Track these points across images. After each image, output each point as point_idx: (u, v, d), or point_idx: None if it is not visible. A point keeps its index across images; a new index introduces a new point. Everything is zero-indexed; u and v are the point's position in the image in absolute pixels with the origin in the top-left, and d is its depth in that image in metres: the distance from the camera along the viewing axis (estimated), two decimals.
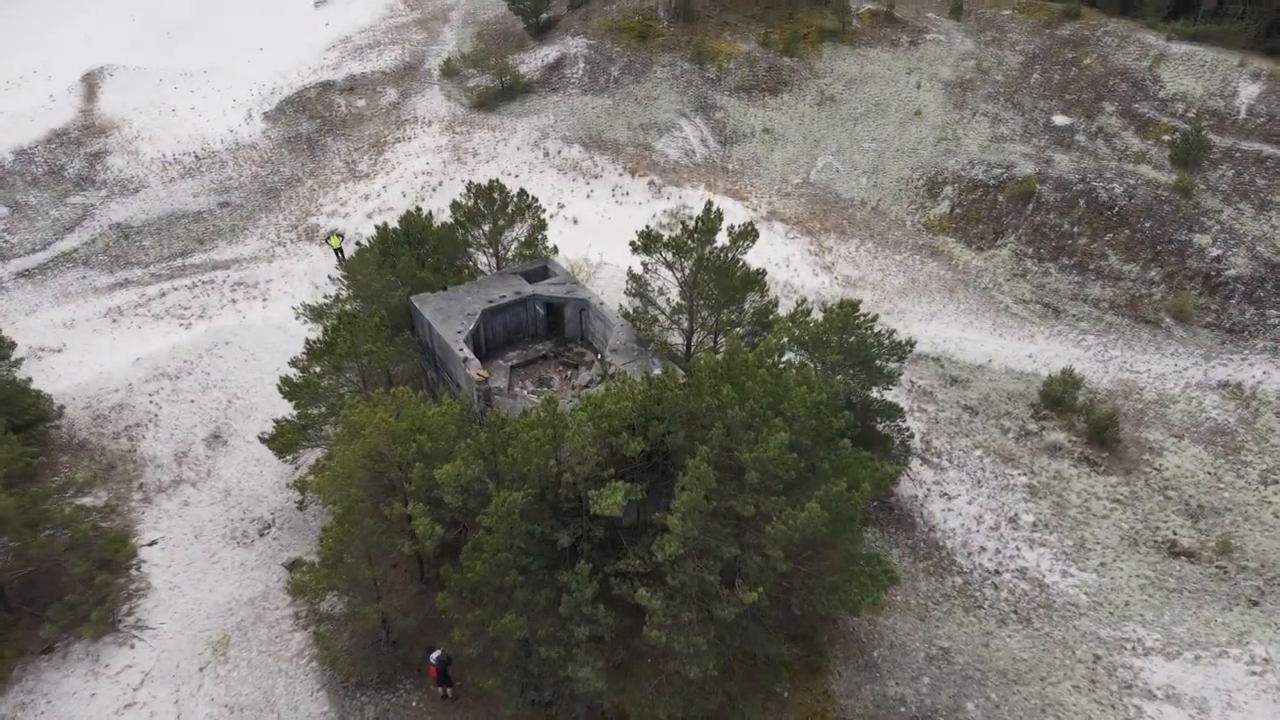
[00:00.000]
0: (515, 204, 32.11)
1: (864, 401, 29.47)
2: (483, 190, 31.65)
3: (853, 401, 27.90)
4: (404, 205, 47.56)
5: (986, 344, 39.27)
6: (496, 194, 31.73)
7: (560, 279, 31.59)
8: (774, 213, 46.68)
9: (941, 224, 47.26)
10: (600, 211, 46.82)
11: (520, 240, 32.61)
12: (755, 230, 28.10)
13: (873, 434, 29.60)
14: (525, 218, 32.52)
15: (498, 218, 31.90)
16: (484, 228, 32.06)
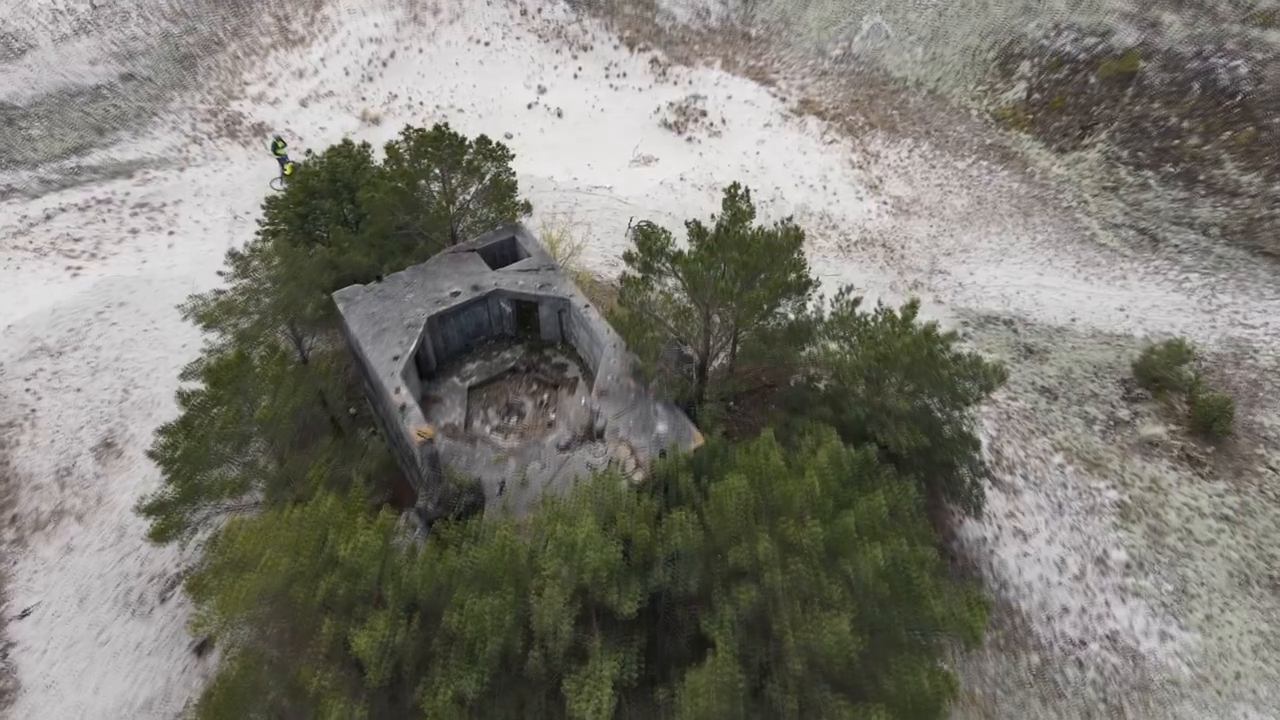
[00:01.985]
0: (474, 153, 23.58)
1: (927, 426, 22.40)
2: (428, 137, 23.02)
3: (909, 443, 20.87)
4: (347, 88, 38.19)
5: (1069, 293, 31.58)
6: (448, 141, 23.16)
7: (533, 260, 23.64)
8: (807, 103, 37.28)
9: (1015, 114, 37.95)
10: (590, 100, 37.42)
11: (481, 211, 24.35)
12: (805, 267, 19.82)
13: (934, 464, 22.83)
14: (487, 171, 24.06)
15: (449, 175, 23.48)
16: (432, 187, 23.71)
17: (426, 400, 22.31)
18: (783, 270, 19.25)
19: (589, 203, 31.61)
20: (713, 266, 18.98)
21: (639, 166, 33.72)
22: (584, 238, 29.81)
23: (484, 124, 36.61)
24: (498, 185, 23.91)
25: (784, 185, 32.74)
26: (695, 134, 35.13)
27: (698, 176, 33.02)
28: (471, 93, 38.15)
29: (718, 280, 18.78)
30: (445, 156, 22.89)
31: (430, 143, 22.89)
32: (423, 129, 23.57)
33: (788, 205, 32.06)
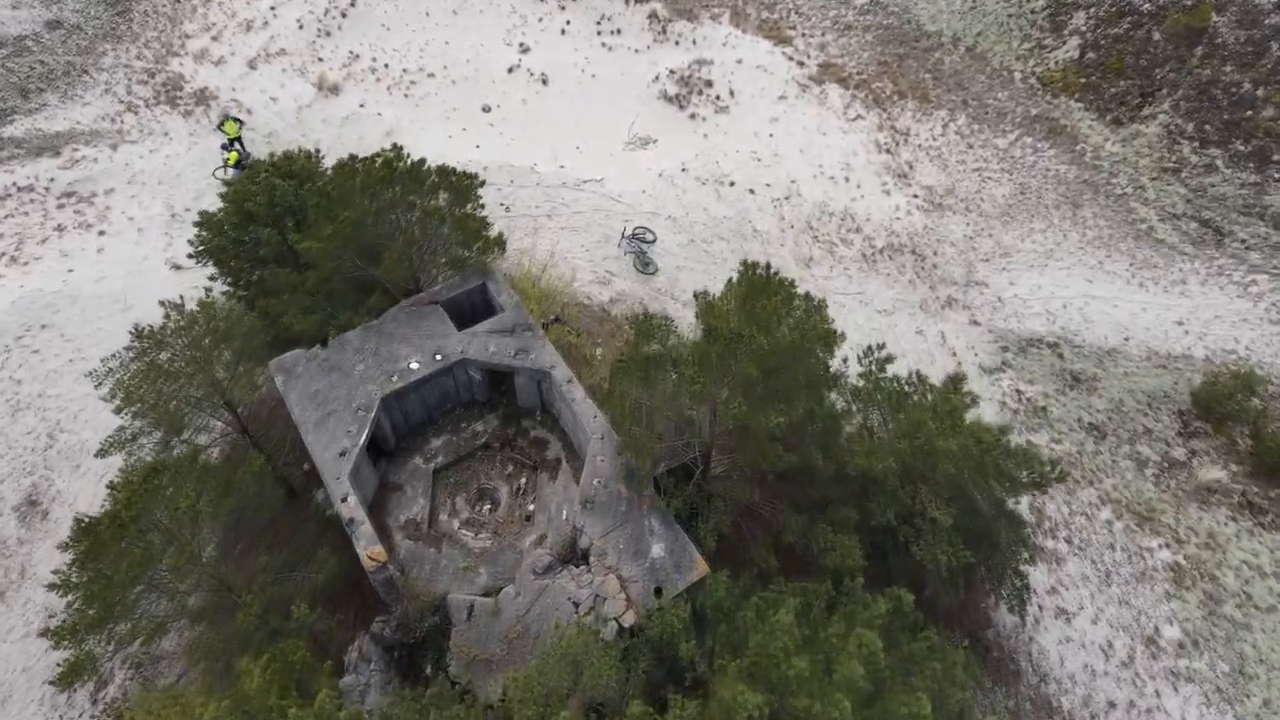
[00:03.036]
0: (434, 183, 19.59)
1: (965, 508, 19.09)
2: (376, 174, 18.97)
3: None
4: (301, 45, 33.42)
5: (1122, 304, 27.85)
6: (401, 168, 19.15)
7: (507, 317, 19.94)
8: (828, 67, 32.50)
9: (1066, 77, 33.21)
10: (580, 63, 32.63)
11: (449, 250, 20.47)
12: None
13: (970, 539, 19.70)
14: (455, 210, 20.10)
15: (405, 212, 19.53)
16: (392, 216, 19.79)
17: (384, 487, 19.09)
18: (811, 389, 15.65)
19: (577, 201, 27.51)
20: (719, 380, 15.39)
21: (635, 150, 29.42)
22: (564, 264, 25.91)
23: (458, 92, 32.00)
24: (465, 223, 19.98)
25: (801, 177, 28.52)
26: (700, 109, 30.62)
27: (702, 166, 28.77)
28: (443, 51, 33.34)
29: (725, 405, 15.22)
30: (399, 199, 18.89)
31: (378, 182, 18.84)
32: (373, 157, 19.47)
33: (804, 203, 27.95)
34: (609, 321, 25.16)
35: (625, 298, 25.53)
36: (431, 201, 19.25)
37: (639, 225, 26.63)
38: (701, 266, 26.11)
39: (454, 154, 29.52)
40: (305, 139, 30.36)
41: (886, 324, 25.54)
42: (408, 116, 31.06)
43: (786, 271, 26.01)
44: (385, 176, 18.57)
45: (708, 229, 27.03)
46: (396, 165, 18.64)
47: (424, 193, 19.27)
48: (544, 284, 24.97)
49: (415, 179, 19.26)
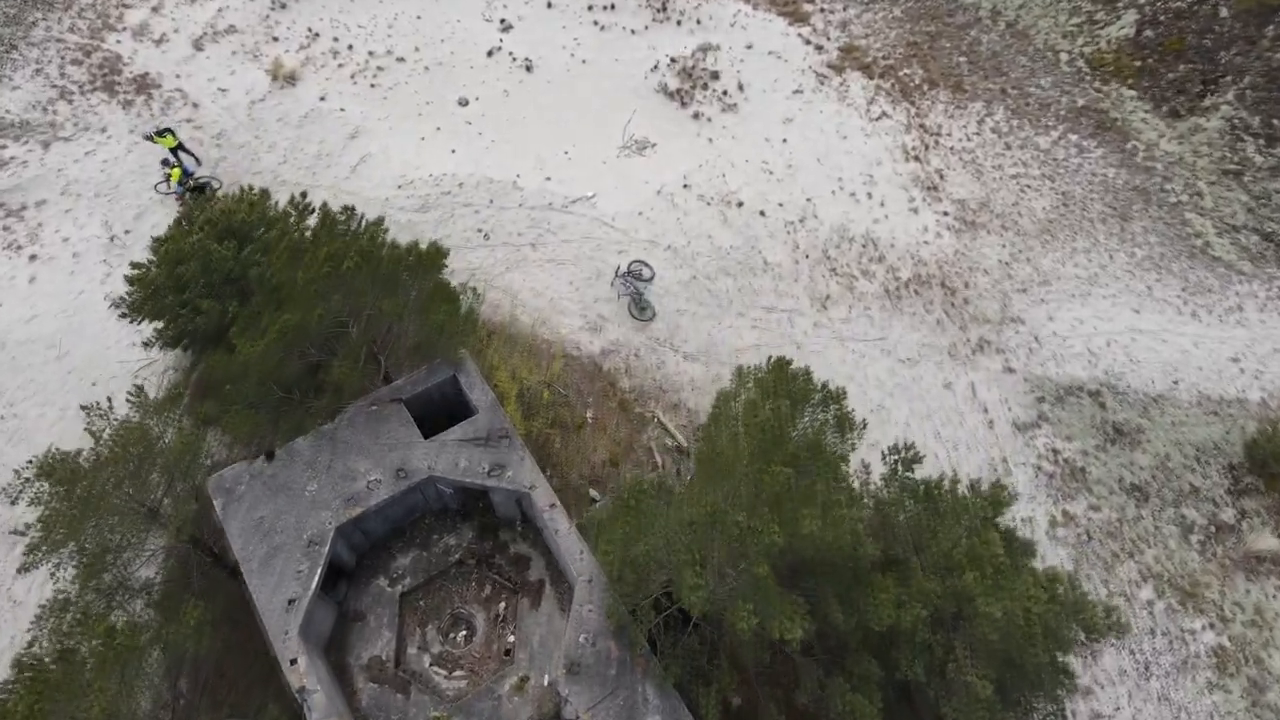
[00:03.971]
0: (365, 246, 16.58)
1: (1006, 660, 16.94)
2: (323, 253, 15.99)
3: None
4: (253, 20, 29.59)
5: (1171, 338, 25.05)
6: (351, 262, 16.13)
7: (480, 421, 17.29)
8: (850, 51, 28.64)
9: (1119, 59, 29.39)
10: (568, 44, 28.78)
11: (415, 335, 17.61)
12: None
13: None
14: (407, 285, 17.15)
15: (361, 301, 16.64)
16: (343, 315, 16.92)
17: (344, 618, 16.87)
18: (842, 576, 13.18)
19: (565, 228, 24.37)
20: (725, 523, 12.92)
21: (631, 156, 26.05)
22: (550, 305, 23.00)
23: (432, 81, 28.32)
24: (432, 308, 17.10)
25: (818, 194, 25.26)
26: (704, 106, 27.03)
27: (707, 180, 25.47)
28: (414, 29, 29.43)
29: (734, 613, 12.76)
30: (355, 283, 15.98)
31: (330, 260, 15.88)
32: (320, 232, 16.45)
33: (822, 227, 24.79)
34: (601, 378, 22.47)
35: (619, 348, 22.76)
36: (388, 300, 16.28)
37: (635, 260, 23.61)
38: (705, 309, 23.22)
39: (427, 162, 26.22)
40: (259, 141, 26.93)
41: (911, 377, 22.83)
42: (374, 113, 27.50)
43: (802, 314, 23.22)
44: (335, 255, 15.56)
45: (712, 262, 23.99)
46: (345, 260, 15.57)
47: (381, 284, 16.30)
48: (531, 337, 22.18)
49: (370, 262, 16.26)
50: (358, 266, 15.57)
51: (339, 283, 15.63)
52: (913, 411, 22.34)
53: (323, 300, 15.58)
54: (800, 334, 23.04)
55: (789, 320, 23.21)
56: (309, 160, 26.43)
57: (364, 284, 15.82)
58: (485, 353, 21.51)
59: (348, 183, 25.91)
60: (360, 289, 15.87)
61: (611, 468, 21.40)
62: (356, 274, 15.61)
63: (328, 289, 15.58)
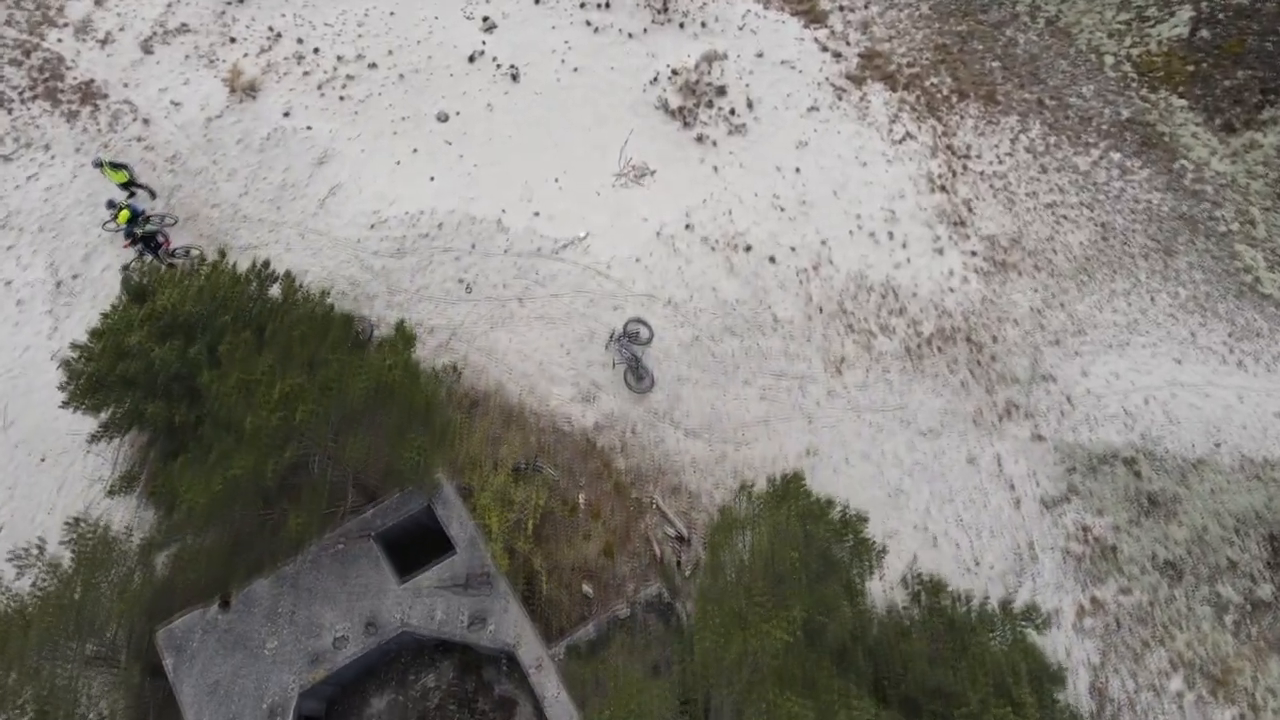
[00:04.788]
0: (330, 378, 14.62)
1: None
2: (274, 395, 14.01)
3: None
4: (207, 18, 26.89)
5: (1214, 392, 23.11)
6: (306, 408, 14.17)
7: (459, 561, 15.57)
8: (872, 57, 25.73)
9: (1170, 63, 26.49)
10: (559, 48, 25.87)
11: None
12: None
13: None
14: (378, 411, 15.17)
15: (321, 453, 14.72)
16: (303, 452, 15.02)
17: None
18: None
19: (555, 278, 22.15)
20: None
21: (628, 185, 23.61)
22: (539, 371, 20.98)
23: (408, 92, 25.56)
24: (407, 441, 15.17)
25: (834, 235, 22.91)
26: (709, 128, 24.38)
27: (711, 218, 23.09)
28: (387, 29, 26.48)
29: None
30: (314, 431, 14.03)
31: (286, 401, 13.91)
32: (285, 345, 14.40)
33: (837, 274, 22.55)
34: (594, 456, 20.65)
35: (614, 422, 20.87)
36: (354, 442, 14.34)
37: (631, 319, 21.47)
38: (708, 377, 21.22)
39: (403, 194, 23.81)
40: (217, 167, 24.42)
41: (932, 453, 21.00)
42: (345, 131, 24.86)
43: (814, 381, 21.22)
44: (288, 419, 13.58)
45: (716, 318, 21.85)
46: (298, 408, 13.55)
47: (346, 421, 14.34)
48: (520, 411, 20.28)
49: (333, 395, 14.26)
50: (316, 411, 13.58)
51: (296, 429, 13.67)
52: (933, 494, 20.59)
53: (275, 452, 13.63)
54: (812, 405, 21.10)
55: (800, 388, 21.23)
56: (272, 191, 23.97)
57: (323, 428, 13.84)
58: (465, 438, 19.61)
59: (316, 219, 23.53)
60: (320, 432, 13.90)
61: (606, 559, 19.78)
62: (316, 420, 13.63)
63: (281, 438, 13.62)
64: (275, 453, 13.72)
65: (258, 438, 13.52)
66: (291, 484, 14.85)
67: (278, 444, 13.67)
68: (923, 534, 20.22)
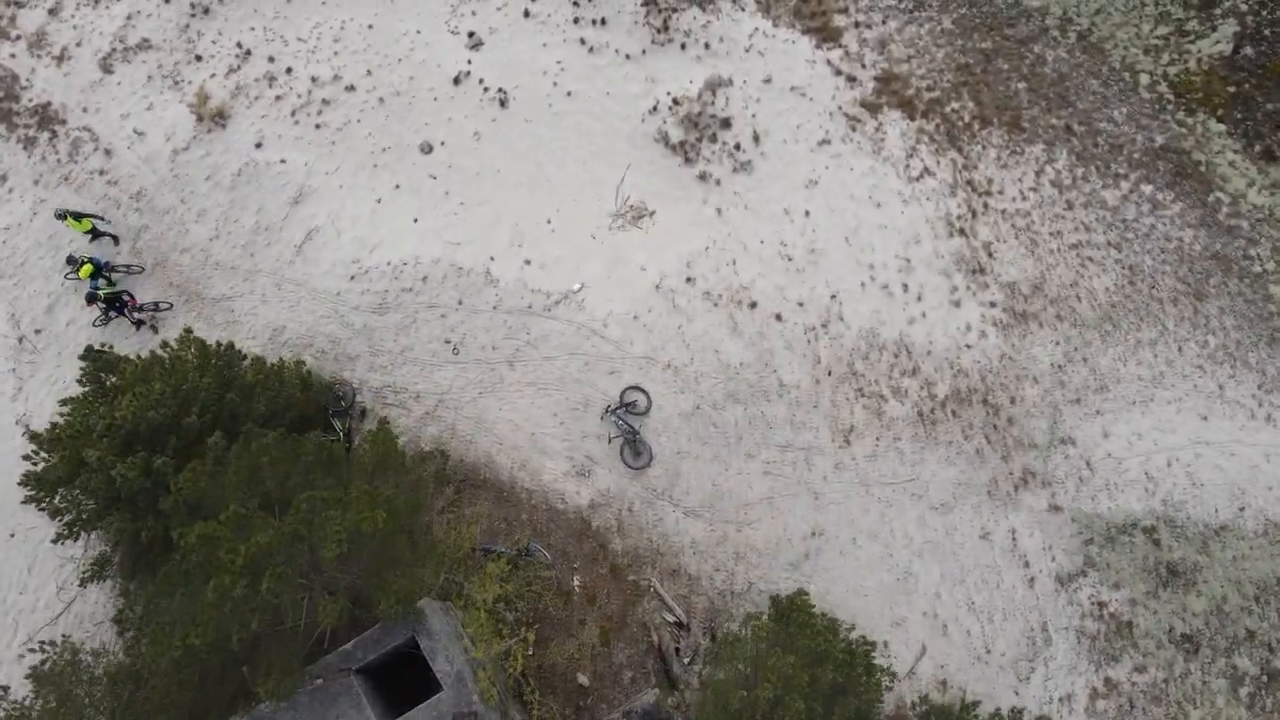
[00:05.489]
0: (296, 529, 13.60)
1: None
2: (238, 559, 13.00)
3: None
4: (170, 34, 24.90)
5: (1240, 451, 22.04)
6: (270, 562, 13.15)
7: (446, 699, 14.73)
8: (889, 81, 23.82)
9: (1210, 83, 24.61)
10: (550, 69, 23.97)
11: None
12: None
13: None
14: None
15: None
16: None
17: None
18: None
19: (547, 338, 20.84)
20: None
21: (625, 228, 22.12)
22: (531, 443, 19.86)
23: (388, 119, 23.81)
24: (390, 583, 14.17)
25: (845, 287, 21.51)
26: (713, 164, 22.71)
27: (714, 270, 21.66)
28: (365, 45, 24.52)
29: None
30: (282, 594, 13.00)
31: (249, 566, 12.87)
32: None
33: (848, 332, 21.23)
34: (590, 537, 19.71)
35: (610, 500, 19.86)
36: (330, 605, 13.31)
37: (629, 386, 20.27)
38: (709, 450, 20.12)
39: (385, 238, 22.37)
40: (186, 206, 22.88)
41: (944, 529, 20.05)
42: (322, 165, 23.20)
43: (821, 452, 20.14)
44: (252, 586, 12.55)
45: (719, 385, 20.63)
46: (266, 577, 12.49)
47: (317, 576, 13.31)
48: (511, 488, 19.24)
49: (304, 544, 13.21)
50: (285, 574, 12.54)
51: (263, 597, 12.65)
52: (944, 575, 19.72)
53: (240, 623, 12.63)
54: (819, 479, 20.05)
55: (806, 461, 20.15)
56: (245, 235, 22.47)
57: (292, 587, 12.81)
58: (454, 525, 18.63)
59: (293, 268, 22.10)
60: (289, 590, 12.88)
61: (602, 647, 19.04)
62: (285, 582, 12.60)
63: (247, 607, 12.61)
64: (240, 624, 12.71)
65: (221, 604, 12.51)
66: (261, 631, 13.88)
67: (242, 614, 12.65)
68: (932, 621, 19.42)
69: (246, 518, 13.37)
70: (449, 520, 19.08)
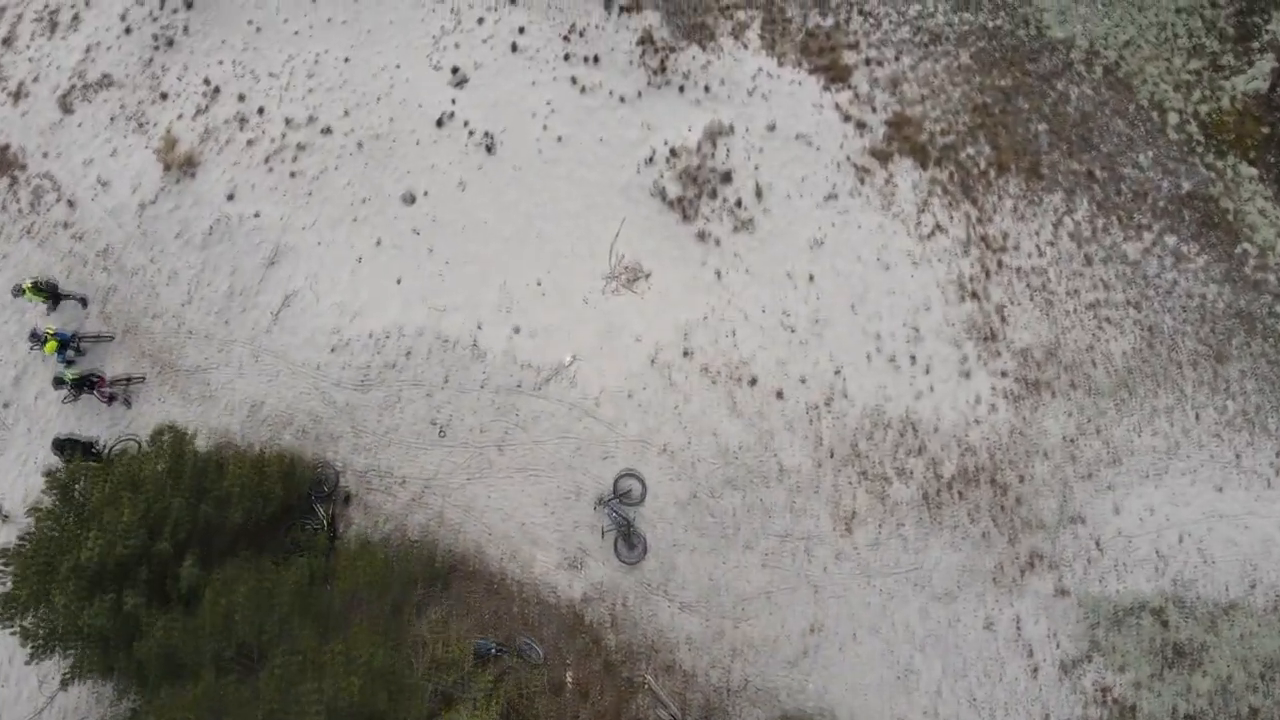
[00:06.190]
0: None
1: None
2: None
3: None
4: (133, 68, 23.46)
5: (1255, 522, 21.40)
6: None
7: None
8: (900, 126, 22.32)
9: (1243, 123, 23.15)
10: (540, 111, 22.47)
11: None
12: None
13: None
14: None
15: None
16: None
17: None
18: None
19: (537, 419, 19.96)
20: None
21: (619, 291, 21.03)
22: (520, 533, 19.17)
23: (367, 165, 22.43)
24: None
25: (849, 360, 20.50)
26: (712, 223, 21.44)
27: (712, 343, 20.61)
28: (341, 80, 22.95)
29: None
30: None
31: None
32: None
33: (852, 409, 20.31)
34: (582, 631, 19.20)
35: (603, 594, 19.29)
36: None
37: (623, 472, 19.50)
38: (706, 541, 19.45)
39: (367, 304, 21.34)
40: (156, 267, 21.74)
41: (947, 620, 19.53)
42: (298, 219, 21.94)
43: (822, 541, 19.49)
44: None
45: (716, 470, 19.84)
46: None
47: None
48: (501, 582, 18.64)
49: None
50: None
51: None
52: (946, 669, 19.27)
53: None
54: (818, 570, 19.44)
55: (806, 552, 19.51)
56: (220, 300, 21.38)
57: None
58: (445, 620, 18.08)
59: (270, 337, 21.07)
60: None
61: None
62: None
63: None
64: None
65: None
66: None
67: None
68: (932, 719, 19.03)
69: (219, 691, 12.76)
70: (439, 614, 18.52)
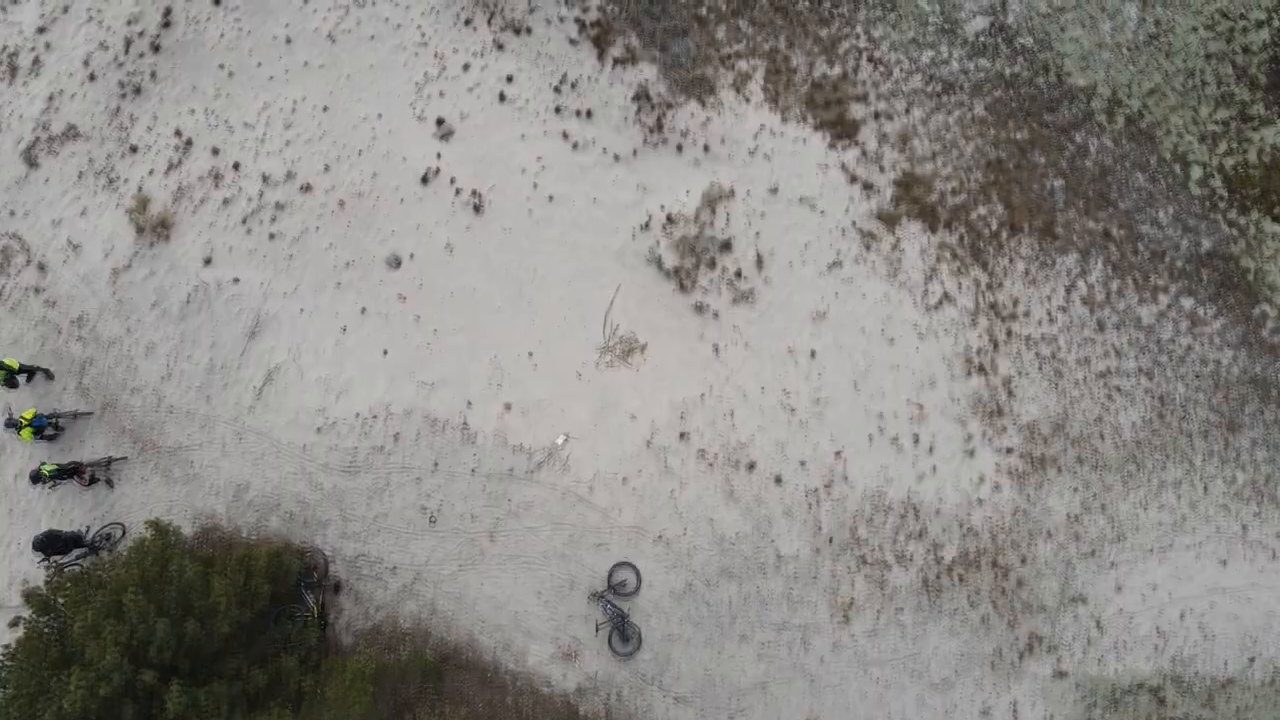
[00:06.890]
0: None
1: None
2: None
3: None
4: (99, 118, 22.43)
5: (1257, 596, 21.19)
6: None
7: None
8: (909, 186, 21.23)
9: (1269, 178, 22.09)
10: (530, 168, 21.39)
11: None
12: None
13: None
14: None
15: None
16: None
17: None
18: None
19: (530, 508, 19.50)
20: None
21: (614, 365, 20.34)
22: (514, 623, 18.91)
23: (350, 225, 21.47)
24: None
25: (851, 441, 19.92)
26: (711, 295, 20.57)
27: (710, 424, 19.99)
28: (321, 133, 21.78)
29: None
30: None
31: None
32: None
33: (852, 493, 19.82)
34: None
35: (598, 687, 19.13)
36: None
37: (617, 563, 19.14)
38: (701, 634, 19.20)
39: (353, 380, 20.74)
40: (133, 338, 21.00)
41: (943, 708, 19.43)
42: (279, 285, 21.08)
43: (819, 631, 19.27)
44: None
45: (713, 559, 19.47)
46: None
47: None
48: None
49: None
50: None
51: None
52: None
53: None
54: (815, 661, 19.25)
55: (802, 642, 19.29)
56: (200, 375, 20.68)
57: None
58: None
59: (254, 416, 20.45)
60: None
61: None
62: None
63: None
64: None
65: None
66: None
67: None
68: None
69: None
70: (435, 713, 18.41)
